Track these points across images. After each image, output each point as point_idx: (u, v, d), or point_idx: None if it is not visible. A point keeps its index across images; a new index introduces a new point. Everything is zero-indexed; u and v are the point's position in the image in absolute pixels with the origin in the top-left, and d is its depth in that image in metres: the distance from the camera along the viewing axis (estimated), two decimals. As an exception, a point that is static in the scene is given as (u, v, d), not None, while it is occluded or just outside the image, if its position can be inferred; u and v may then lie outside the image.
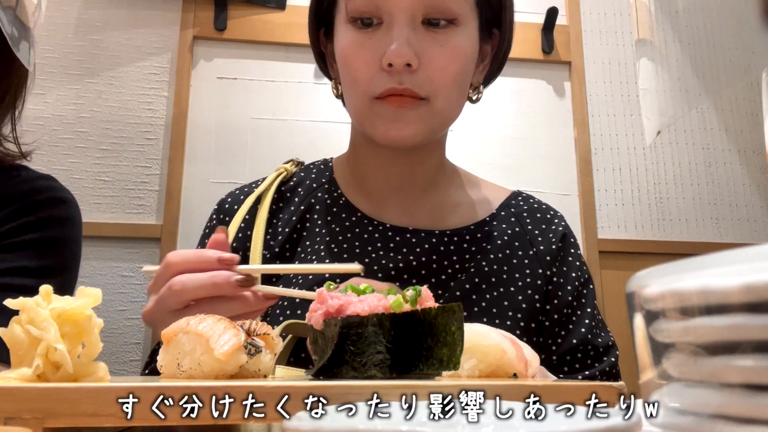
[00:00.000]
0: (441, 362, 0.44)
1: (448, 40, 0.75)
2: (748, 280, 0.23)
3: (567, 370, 0.79)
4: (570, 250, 0.86)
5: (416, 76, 0.74)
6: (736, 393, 0.23)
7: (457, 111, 0.82)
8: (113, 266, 1.68)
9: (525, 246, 0.83)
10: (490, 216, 0.86)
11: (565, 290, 0.82)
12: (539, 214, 0.88)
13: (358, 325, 0.44)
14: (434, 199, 0.86)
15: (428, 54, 0.74)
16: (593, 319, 0.82)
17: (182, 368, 0.43)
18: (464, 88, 0.81)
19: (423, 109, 0.76)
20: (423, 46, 0.74)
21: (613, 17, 2.09)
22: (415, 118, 0.76)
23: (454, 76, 0.77)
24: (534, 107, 1.95)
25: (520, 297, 0.79)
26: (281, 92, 1.84)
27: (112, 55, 1.80)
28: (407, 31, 0.74)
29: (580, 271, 0.85)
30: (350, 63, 0.77)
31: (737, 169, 2.05)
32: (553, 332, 0.80)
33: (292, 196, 0.87)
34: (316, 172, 0.90)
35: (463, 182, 0.90)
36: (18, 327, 0.36)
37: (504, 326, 0.77)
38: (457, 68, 0.76)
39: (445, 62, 0.75)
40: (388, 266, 0.79)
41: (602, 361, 0.80)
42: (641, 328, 0.28)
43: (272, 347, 0.47)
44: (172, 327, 0.46)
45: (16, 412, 0.33)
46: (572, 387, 0.40)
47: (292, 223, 0.83)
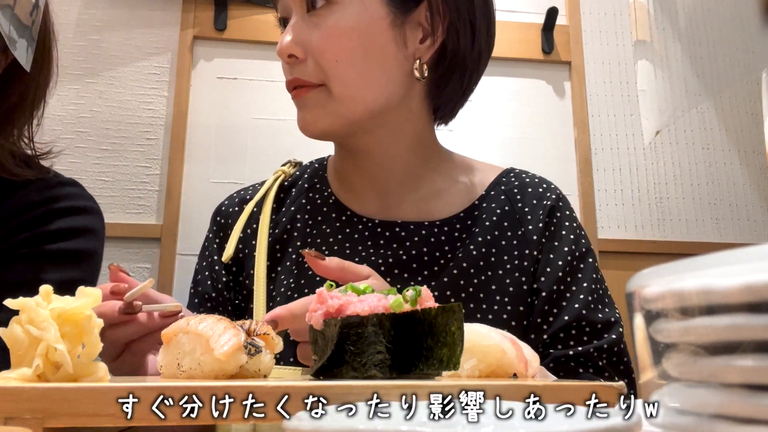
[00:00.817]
0: (441, 362, 0.44)
1: (324, 21, 0.75)
2: (748, 280, 0.23)
3: (561, 347, 0.74)
4: (562, 222, 0.81)
5: (305, 64, 0.76)
6: (736, 393, 0.23)
7: (370, 92, 0.76)
8: (113, 266, 1.68)
9: (514, 226, 0.80)
10: (478, 199, 0.83)
11: (555, 266, 0.78)
12: (530, 189, 0.84)
13: (358, 325, 0.44)
14: (420, 191, 0.84)
15: (310, 40, 0.75)
16: (591, 294, 0.77)
17: (182, 368, 0.43)
18: (367, 67, 0.75)
19: (320, 95, 0.76)
20: (308, 33, 0.75)
21: (613, 17, 2.09)
22: (312, 105, 0.77)
23: (339, 57, 0.74)
24: (534, 107, 1.95)
25: (508, 280, 0.77)
26: (281, 92, 1.82)
27: (112, 55, 1.80)
28: (293, 22, 0.76)
29: (575, 245, 0.80)
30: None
31: (737, 169, 2.05)
32: (543, 310, 0.76)
33: (286, 197, 0.87)
34: (310, 171, 0.90)
35: (453, 169, 0.86)
36: (18, 327, 0.36)
37: (491, 311, 0.75)
38: (340, 48, 0.74)
39: (323, 44, 0.74)
40: (377, 262, 0.78)
41: (601, 338, 0.74)
42: (641, 328, 0.28)
43: (272, 347, 0.47)
44: (171, 327, 0.46)
45: (16, 412, 0.33)
46: (572, 387, 0.40)
47: (283, 224, 0.83)
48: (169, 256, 1.69)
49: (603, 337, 0.75)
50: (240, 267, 0.83)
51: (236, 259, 0.83)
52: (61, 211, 0.88)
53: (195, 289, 0.85)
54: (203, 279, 0.84)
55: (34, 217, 0.86)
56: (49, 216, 0.87)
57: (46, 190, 0.89)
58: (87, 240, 0.89)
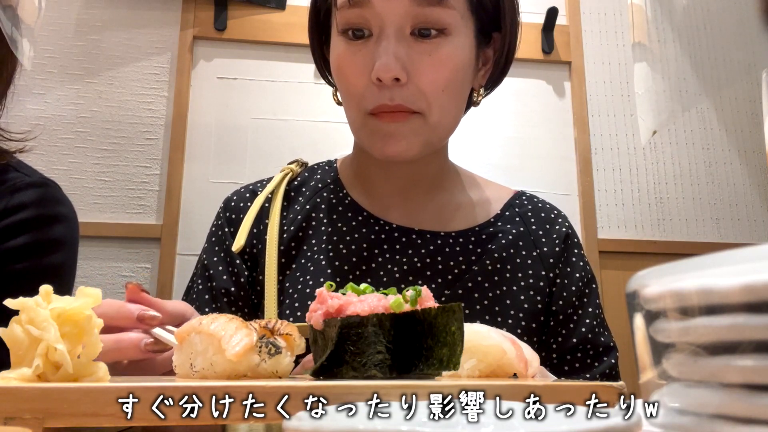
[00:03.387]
0: (441, 362, 0.44)
1: (437, 50, 0.74)
2: (748, 280, 0.23)
3: (567, 369, 0.79)
4: (573, 250, 0.86)
5: (406, 89, 0.73)
6: (736, 393, 0.23)
7: (455, 122, 0.81)
8: (113, 266, 1.68)
9: (529, 246, 0.84)
10: (494, 217, 0.86)
11: (569, 291, 0.82)
12: (543, 214, 0.88)
13: (358, 325, 0.44)
14: (439, 201, 0.86)
15: (418, 66, 0.73)
16: (595, 319, 0.82)
17: (195, 369, 0.43)
18: (460, 98, 0.79)
19: (416, 123, 0.75)
20: (412, 58, 0.73)
21: (613, 17, 2.09)
22: (408, 133, 0.75)
23: (446, 87, 0.75)
24: (534, 107, 1.95)
25: (522, 297, 0.79)
26: (281, 92, 1.84)
27: (112, 55, 1.80)
28: (395, 43, 0.72)
29: (584, 271, 0.85)
30: (343, 76, 0.77)
31: (737, 169, 2.05)
32: (555, 331, 0.80)
33: (297, 195, 0.87)
34: (320, 172, 0.90)
35: (465, 183, 0.90)
36: (18, 327, 0.36)
37: (505, 325, 0.77)
38: (448, 78, 0.75)
39: (434, 73, 0.74)
40: (393, 268, 0.79)
41: (602, 362, 0.80)
42: (641, 328, 0.28)
43: (293, 348, 0.46)
44: (184, 327, 0.45)
45: (16, 412, 0.33)
46: (572, 387, 0.40)
47: (298, 222, 0.83)
48: (169, 256, 1.69)
49: (604, 361, 0.80)
50: (254, 263, 0.82)
51: (250, 255, 0.82)
52: (24, 223, 0.80)
53: (208, 284, 0.82)
54: (218, 274, 0.82)
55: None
56: (10, 231, 0.78)
57: (7, 196, 0.80)
58: (55, 255, 0.81)
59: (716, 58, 2.12)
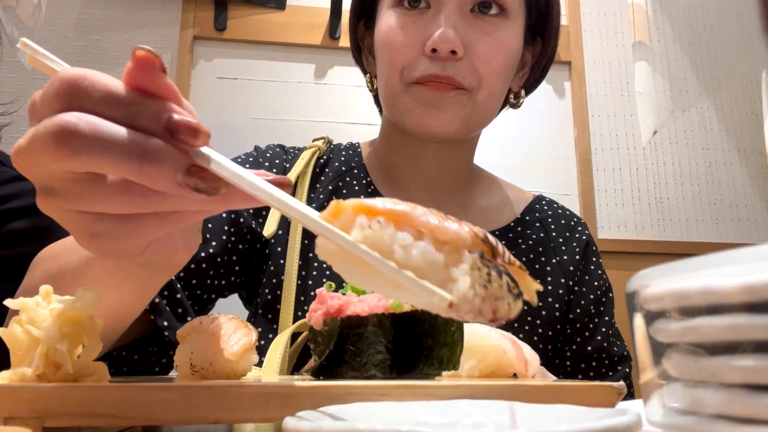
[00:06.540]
0: (441, 362, 0.44)
1: (496, 30, 0.73)
2: (748, 280, 0.23)
3: (581, 377, 0.79)
4: (592, 259, 0.85)
5: (460, 64, 0.71)
6: (736, 393, 0.23)
7: (496, 108, 0.79)
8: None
9: (548, 253, 0.83)
10: (515, 221, 0.85)
11: (587, 300, 0.82)
12: (563, 221, 0.87)
13: (358, 325, 0.44)
14: (461, 202, 0.85)
15: (475, 43, 0.71)
16: (610, 328, 0.82)
17: (195, 368, 0.43)
18: (506, 84, 0.78)
19: (463, 98, 0.73)
20: (470, 34, 0.71)
21: (613, 17, 2.09)
22: (453, 106, 0.72)
23: (500, 68, 0.74)
24: (534, 107, 1.95)
25: (540, 304, 0.79)
26: (281, 92, 1.84)
27: (112, 55, 1.80)
28: (455, 17, 0.71)
29: (601, 280, 0.84)
30: (391, 44, 0.74)
31: (737, 169, 2.05)
32: (571, 339, 0.80)
33: (320, 174, 0.84)
34: (345, 155, 0.87)
35: (486, 185, 0.89)
36: (18, 327, 0.36)
37: (522, 330, 0.77)
38: (504, 60, 0.74)
39: (491, 52, 0.72)
40: None
41: (616, 371, 0.80)
42: (641, 328, 0.28)
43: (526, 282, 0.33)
44: (185, 327, 0.45)
45: (16, 412, 0.33)
46: (572, 387, 0.40)
47: (320, 202, 0.81)
48: (169, 256, 1.69)
49: (617, 370, 0.80)
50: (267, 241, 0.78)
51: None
52: (17, 211, 0.80)
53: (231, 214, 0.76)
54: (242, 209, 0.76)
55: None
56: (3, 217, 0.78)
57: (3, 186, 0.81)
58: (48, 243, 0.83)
59: (716, 58, 2.12)
